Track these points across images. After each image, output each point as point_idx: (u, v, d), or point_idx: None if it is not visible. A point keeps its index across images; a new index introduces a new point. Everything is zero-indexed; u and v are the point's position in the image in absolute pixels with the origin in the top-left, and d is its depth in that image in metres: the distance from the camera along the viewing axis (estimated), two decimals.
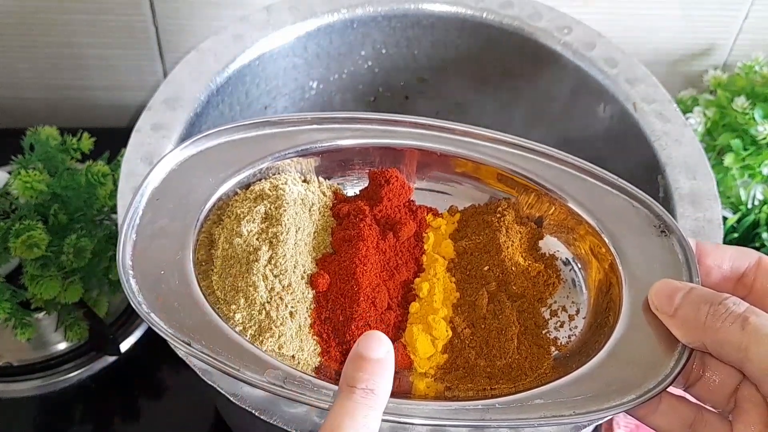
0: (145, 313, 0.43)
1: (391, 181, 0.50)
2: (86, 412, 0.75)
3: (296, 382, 0.41)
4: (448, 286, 0.48)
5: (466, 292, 0.48)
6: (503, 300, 0.46)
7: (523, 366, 0.45)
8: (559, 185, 0.48)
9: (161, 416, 0.75)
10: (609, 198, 0.47)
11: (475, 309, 0.47)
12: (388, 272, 0.48)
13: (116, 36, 0.88)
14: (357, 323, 0.45)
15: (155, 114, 0.63)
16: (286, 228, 0.46)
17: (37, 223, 0.67)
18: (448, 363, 0.46)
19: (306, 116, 0.50)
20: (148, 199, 0.46)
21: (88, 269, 0.70)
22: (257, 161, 0.48)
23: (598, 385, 0.41)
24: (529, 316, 0.47)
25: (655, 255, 0.45)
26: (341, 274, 0.46)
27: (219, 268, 0.46)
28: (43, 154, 0.72)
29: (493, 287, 0.47)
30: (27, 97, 0.95)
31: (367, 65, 0.76)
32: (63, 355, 0.76)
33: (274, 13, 0.70)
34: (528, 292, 0.47)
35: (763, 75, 0.82)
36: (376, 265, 0.47)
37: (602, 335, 0.44)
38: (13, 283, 0.71)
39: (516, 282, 0.47)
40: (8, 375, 0.75)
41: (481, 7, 0.72)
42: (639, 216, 0.47)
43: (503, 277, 0.47)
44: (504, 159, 0.49)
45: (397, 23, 0.73)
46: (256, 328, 0.44)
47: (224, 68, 0.67)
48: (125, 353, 0.76)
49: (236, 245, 0.46)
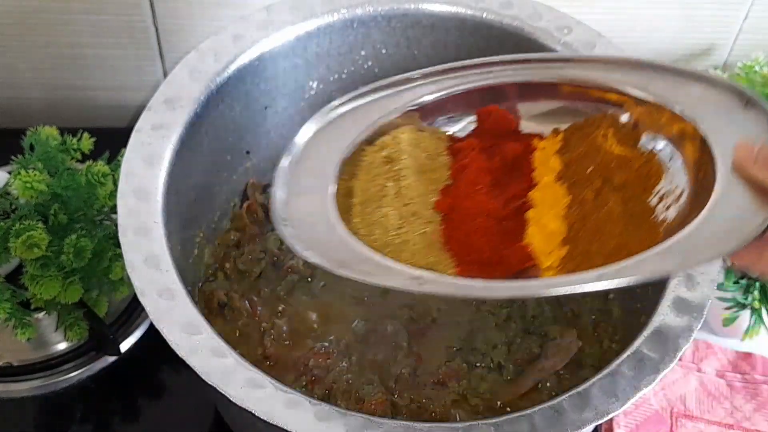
0: (300, 251, 0.50)
1: (492, 114, 0.57)
2: (86, 412, 0.75)
3: (436, 281, 0.49)
4: (558, 192, 0.54)
5: (576, 193, 0.53)
6: (608, 192, 0.52)
7: (633, 245, 0.48)
8: (643, 86, 0.53)
9: (161, 416, 0.75)
10: (690, 87, 0.52)
11: (584, 205, 0.52)
12: (501, 189, 0.54)
13: (116, 36, 0.88)
14: (479, 236, 0.52)
15: (155, 114, 0.63)
16: (405, 166, 0.55)
17: (37, 223, 0.67)
18: (567, 254, 0.51)
19: (412, 75, 0.59)
20: (289, 163, 0.55)
21: (88, 269, 0.70)
22: (376, 120, 0.58)
23: (703, 237, 0.45)
24: (635, 204, 0.51)
25: (742, 127, 0.49)
26: (460, 197, 0.54)
27: (358, 212, 0.54)
28: (43, 154, 0.72)
29: (598, 184, 0.52)
30: (27, 97, 0.95)
31: (367, 65, 0.76)
32: (63, 355, 0.76)
33: (274, 13, 0.70)
34: (630, 182, 0.51)
35: (764, 75, 0.82)
36: (488, 185, 0.54)
37: (703, 206, 0.48)
38: (13, 283, 0.72)
39: (618, 174, 0.52)
40: (8, 375, 0.75)
41: (481, 7, 0.72)
42: (721, 95, 0.51)
43: (606, 174, 0.52)
44: (587, 75, 0.56)
45: (397, 23, 0.73)
46: (394, 250, 0.51)
47: (224, 68, 0.67)
48: (125, 353, 0.76)
49: (369, 189, 0.55)
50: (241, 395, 0.50)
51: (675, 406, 0.76)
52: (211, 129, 0.68)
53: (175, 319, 0.53)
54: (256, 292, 0.71)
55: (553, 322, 0.70)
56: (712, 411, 0.76)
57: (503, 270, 0.51)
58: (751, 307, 0.74)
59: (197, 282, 0.72)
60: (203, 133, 0.67)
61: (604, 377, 0.53)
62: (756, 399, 0.77)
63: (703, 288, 0.57)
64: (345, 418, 0.50)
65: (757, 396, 0.77)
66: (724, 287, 0.74)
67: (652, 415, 0.76)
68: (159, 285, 0.55)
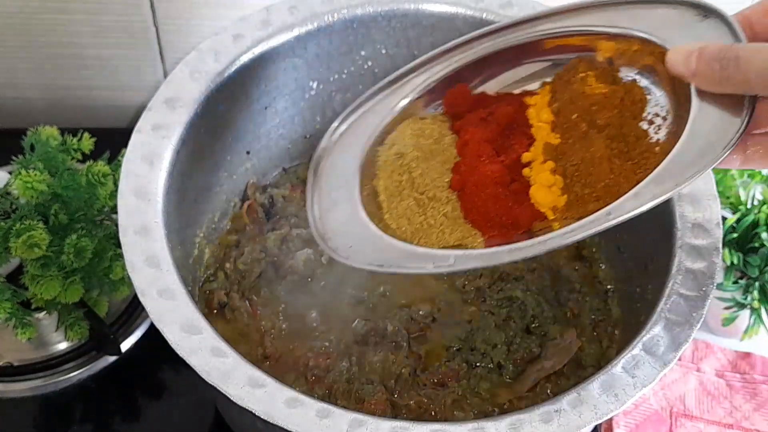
0: (344, 260, 0.55)
1: (454, 93, 0.61)
2: (86, 412, 0.75)
3: (465, 257, 0.53)
4: (550, 145, 0.56)
5: (565, 141, 0.56)
6: (593, 135, 0.54)
7: (620, 181, 0.52)
8: (610, 22, 0.56)
9: (161, 416, 0.75)
10: (652, 12, 0.55)
11: (572, 151, 0.55)
12: (506, 153, 0.58)
13: (117, 36, 0.88)
14: (493, 203, 0.55)
15: (156, 114, 0.63)
16: (414, 156, 0.59)
17: (37, 223, 0.67)
18: (567, 202, 0.54)
19: (402, 71, 0.62)
20: (313, 185, 0.60)
21: (89, 269, 0.70)
22: (380, 122, 0.62)
23: (690, 154, 0.48)
24: (622, 138, 0.53)
25: (703, 37, 0.50)
26: (468, 172, 0.57)
27: (386, 209, 0.58)
28: (44, 154, 0.72)
29: (583, 128, 0.55)
30: (27, 97, 0.95)
31: (367, 65, 0.76)
32: (63, 355, 0.76)
33: (274, 13, 0.70)
34: (613, 119, 0.54)
35: None
36: (491, 154, 0.57)
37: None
38: (14, 282, 0.72)
39: (599, 115, 0.54)
40: (9, 375, 0.75)
41: (480, 7, 0.72)
42: (682, 12, 0.53)
43: (590, 116, 0.55)
44: (559, 26, 0.59)
45: (397, 23, 0.73)
46: (423, 236, 0.56)
47: (225, 68, 0.67)
48: (126, 353, 0.77)
49: (389, 186, 0.59)
50: (241, 395, 0.50)
51: (674, 405, 0.76)
52: (211, 129, 0.68)
53: (176, 318, 0.53)
54: (256, 292, 0.72)
55: (552, 322, 0.70)
56: (712, 411, 0.76)
57: (521, 229, 0.55)
58: (751, 307, 0.74)
59: (197, 282, 0.72)
60: (203, 133, 0.67)
61: (604, 377, 0.53)
62: (755, 399, 0.77)
63: (702, 287, 0.57)
64: (345, 417, 0.50)
65: (757, 396, 0.77)
66: (723, 287, 0.74)
67: (652, 414, 0.76)
68: (159, 285, 0.55)
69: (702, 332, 0.81)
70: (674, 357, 0.54)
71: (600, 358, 0.68)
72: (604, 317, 0.71)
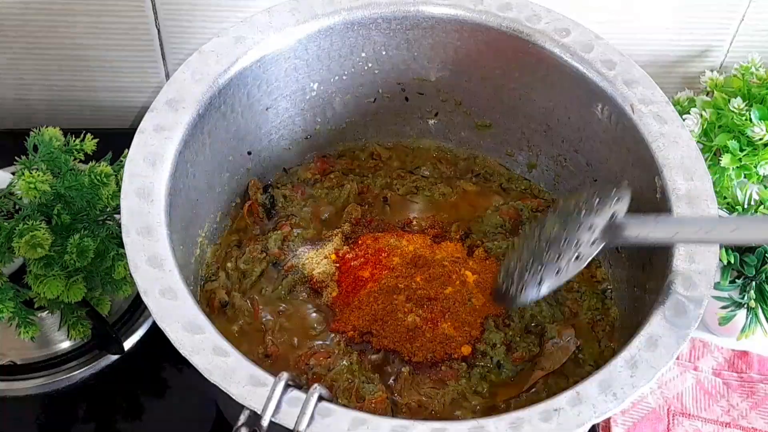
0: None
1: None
2: (89, 411, 0.75)
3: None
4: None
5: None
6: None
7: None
8: None
9: (163, 414, 0.75)
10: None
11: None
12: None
13: (119, 38, 0.89)
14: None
15: (158, 115, 0.63)
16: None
17: (40, 223, 0.67)
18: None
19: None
20: None
21: (91, 268, 0.70)
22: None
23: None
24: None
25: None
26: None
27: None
28: (47, 154, 0.72)
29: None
30: (30, 98, 0.95)
31: (368, 67, 0.77)
32: (66, 354, 0.76)
33: (275, 15, 0.70)
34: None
35: (760, 76, 0.82)
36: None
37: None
38: (17, 282, 0.72)
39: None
40: (12, 373, 0.75)
41: (480, 9, 0.72)
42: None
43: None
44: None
45: (397, 25, 0.74)
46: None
47: (226, 70, 0.67)
48: (128, 352, 0.77)
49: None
50: (242, 393, 0.51)
51: (672, 404, 0.77)
52: (213, 130, 0.68)
53: (178, 318, 0.54)
54: (257, 292, 0.72)
55: (551, 322, 0.70)
56: (709, 409, 0.77)
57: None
58: (747, 306, 0.74)
59: (199, 281, 0.72)
60: (205, 134, 0.67)
61: (603, 376, 0.53)
62: (752, 397, 0.77)
63: (700, 288, 0.57)
64: (346, 416, 0.51)
65: (753, 394, 0.77)
66: (720, 287, 0.74)
67: (649, 413, 0.76)
68: (161, 284, 0.55)
69: (699, 331, 0.82)
70: (672, 356, 0.54)
71: (598, 357, 0.69)
72: (603, 317, 0.71)
